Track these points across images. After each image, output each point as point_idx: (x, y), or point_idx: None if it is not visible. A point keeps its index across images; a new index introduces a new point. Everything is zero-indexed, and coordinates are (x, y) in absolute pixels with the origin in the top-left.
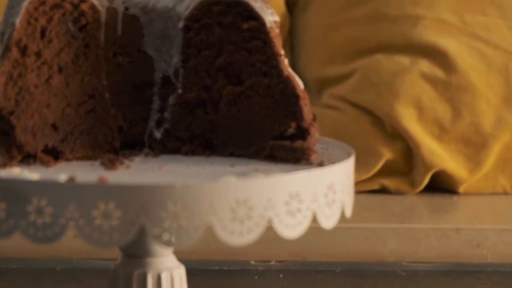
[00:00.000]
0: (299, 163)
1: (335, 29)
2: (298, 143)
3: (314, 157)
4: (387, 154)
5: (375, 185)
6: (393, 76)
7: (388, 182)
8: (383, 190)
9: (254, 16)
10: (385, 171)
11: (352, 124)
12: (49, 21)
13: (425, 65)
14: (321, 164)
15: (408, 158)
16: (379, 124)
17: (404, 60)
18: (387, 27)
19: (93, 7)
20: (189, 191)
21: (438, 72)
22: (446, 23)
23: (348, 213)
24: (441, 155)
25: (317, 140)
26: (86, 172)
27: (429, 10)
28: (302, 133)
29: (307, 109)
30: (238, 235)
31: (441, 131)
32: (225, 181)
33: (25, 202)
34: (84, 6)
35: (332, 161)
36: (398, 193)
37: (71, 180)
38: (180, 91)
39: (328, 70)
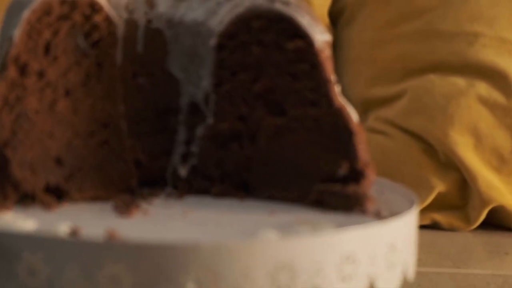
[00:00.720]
0: (351, 212)
1: (383, 45)
2: (351, 188)
3: (369, 205)
4: (439, 186)
5: (425, 220)
6: (447, 99)
7: (440, 217)
8: (434, 226)
9: (300, 34)
10: (437, 205)
11: (401, 151)
12: (55, 34)
13: (483, 88)
14: (377, 214)
15: (462, 191)
16: (431, 152)
17: (459, 81)
18: (441, 45)
19: (108, 19)
20: (218, 253)
21: (498, 96)
22: (506, 41)
23: (411, 275)
24: (500, 189)
25: (372, 184)
26: (94, 219)
27: (488, 27)
28: (356, 175)
29: (362, 147)
30: None
31: (500, 162)
32: (264, 240)
33: (15, 260)
34: (97, 18)
35: (390, 210)
36: (451, 229)
37: (73, 234)
38: (210, 120)
39: (375, 90)
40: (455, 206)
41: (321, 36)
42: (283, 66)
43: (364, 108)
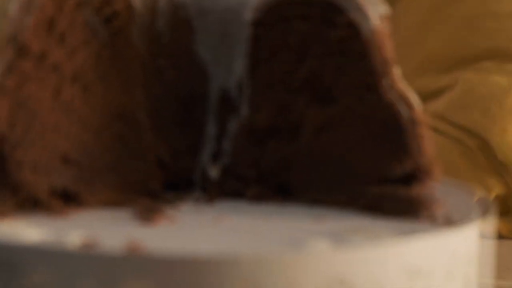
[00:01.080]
0: (411, 218)
1: (430, 29)
2: (411, 190)
3: (433, 210)
4: (496, 189)
5: None
6: (505, 91)
7: (496, 224)
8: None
9: (353, 7)
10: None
11: (451, 149)
12: (60, 9)
13: None
14: (446, 220)
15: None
16: (487, 151)
17: None
18: (498, 28)
19: None
20: (260, 267)
21: None
22: None
23: None
24: None
25: (433, 186)
26: (111, 228)
27: None
28: (417, 175)
29: (422, 143)
30: None
31: None
32: (314, 252)
33: (18, 276)
34: None
35: (460, 215)
36: (508, 237)
37: (86, 245)
38: (244, 111)
39: (421, 81)
40: (499, 213)
41: (377, 9)
42: (332, 45)
43: None
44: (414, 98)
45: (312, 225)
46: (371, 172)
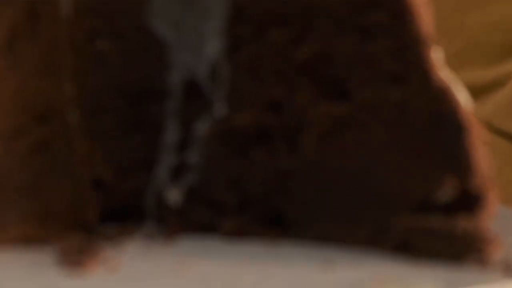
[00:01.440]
0: (462, 262)
1: (475, 8)
2: (451, 224)
3: (492, 250)
4: None
5: None
6: None
7: None
8: None
9: None
10: None
11: (501, 162)
12: None
13: None
14: (508, 267)
15: None
16: None
17: None
18: None
19: None
20: None
21: None
22: None
23: None
24: None
25: (489, 218)
26: (25, 277)
27: None
28: (469, 200)
29: (473, 156)
30: None
31: None
32: None
33: None
34: None
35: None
36: None
37: None
38: (221, 111)
39: (462, 74)
40: None
41: None
42: (346, 17)
43: None
44: (461, 93)
45: (318, 274)
46: (401, 197)
